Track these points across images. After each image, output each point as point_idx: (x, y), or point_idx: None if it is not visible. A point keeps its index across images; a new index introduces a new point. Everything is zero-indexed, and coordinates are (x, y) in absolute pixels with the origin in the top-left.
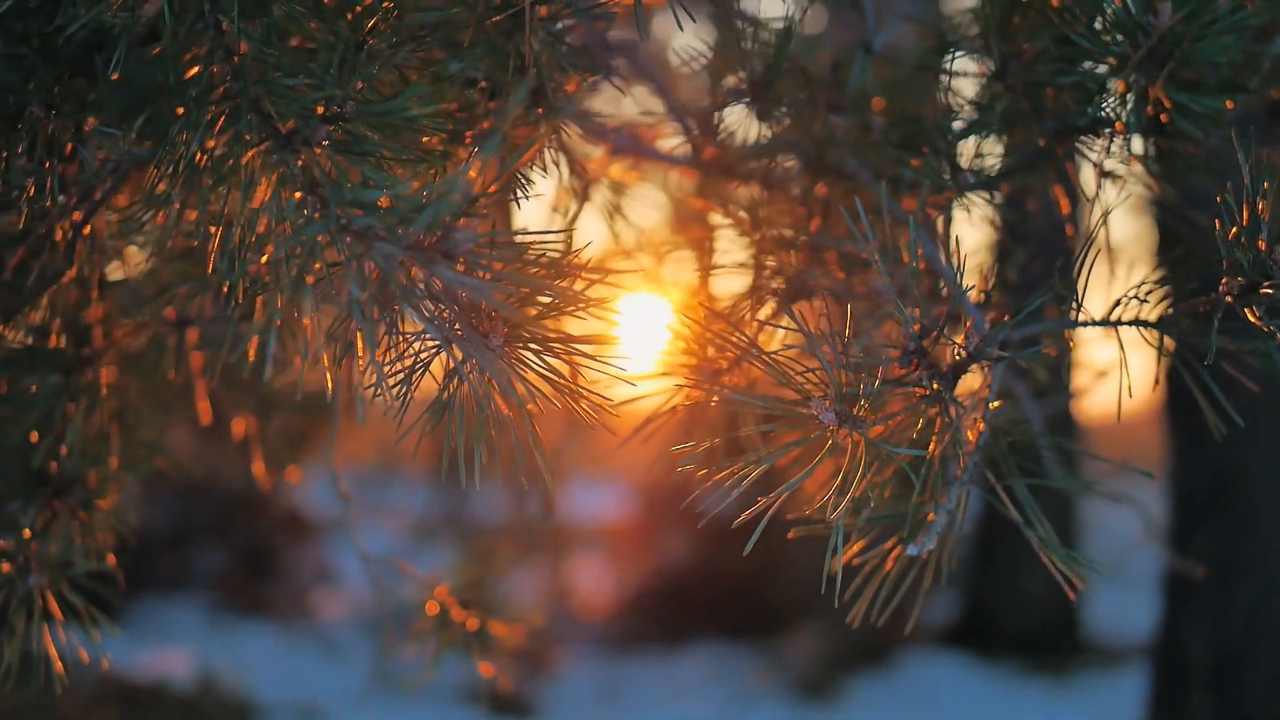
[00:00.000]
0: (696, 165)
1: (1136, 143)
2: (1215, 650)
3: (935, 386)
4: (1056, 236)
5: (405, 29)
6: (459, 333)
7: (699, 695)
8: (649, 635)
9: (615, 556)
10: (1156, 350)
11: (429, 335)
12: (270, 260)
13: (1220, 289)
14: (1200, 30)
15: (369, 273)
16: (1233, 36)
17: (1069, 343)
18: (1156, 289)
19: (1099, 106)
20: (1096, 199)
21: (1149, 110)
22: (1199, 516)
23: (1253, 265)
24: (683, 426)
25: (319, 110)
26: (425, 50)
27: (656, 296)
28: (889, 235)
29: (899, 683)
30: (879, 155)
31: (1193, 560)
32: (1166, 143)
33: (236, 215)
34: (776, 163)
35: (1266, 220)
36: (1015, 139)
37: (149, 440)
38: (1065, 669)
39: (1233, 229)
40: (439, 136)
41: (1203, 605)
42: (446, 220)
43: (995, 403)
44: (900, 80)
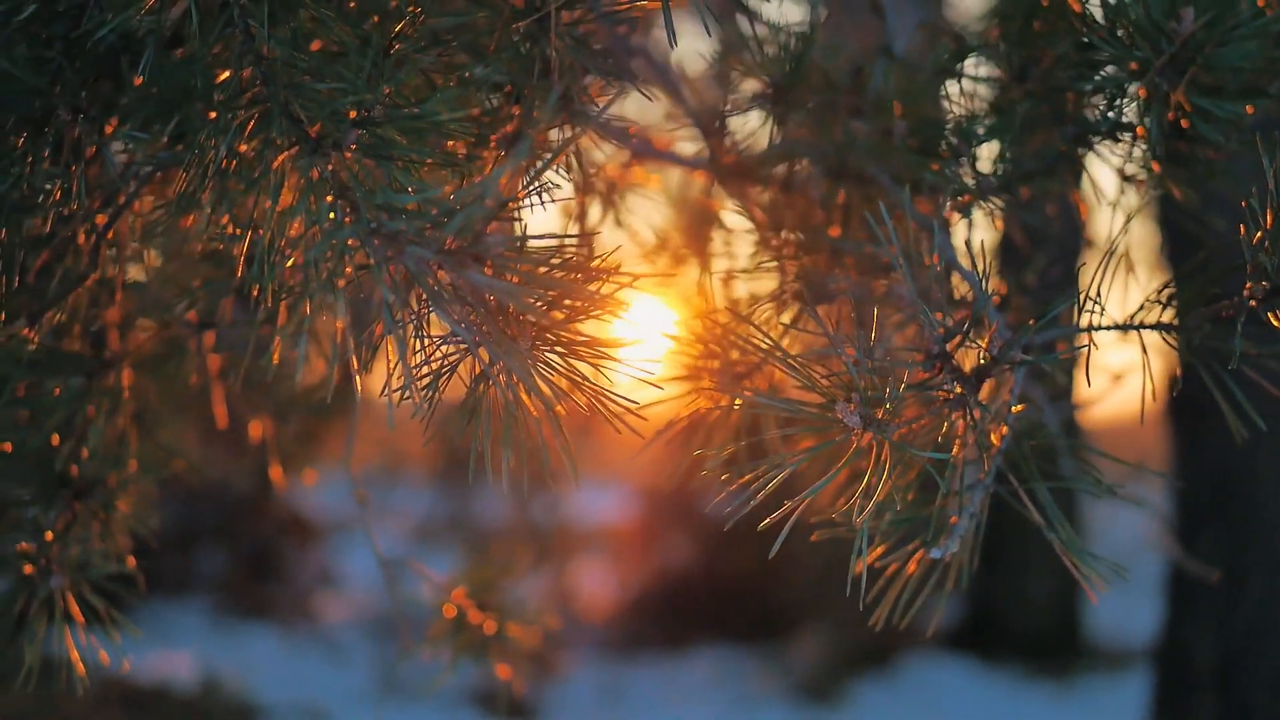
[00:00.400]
0: (715, 169)
1: (1158, 147)
2: (1220, 653)
3: (959, 390)
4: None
5: (430, 33)
6: (488, 336)
7: (702, 698)
8: (652, 638)
9: (618, 559)
10: (1178, 354)
11: (457, 339)
12: (300, 264)
13: (1244, 293)
14: (1223, 36)
15: (398, 276)
16: (1256, 42)
17: (1092, 346)
18: (1177, 293)
19: (1120, 111)
20: (1117, 203)
21: (1169, 115)
22: (1203, 519)
23: (1276, 270)
24: (703, 430)
25: (351, 115)
26: (449, 55)
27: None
28: (912, 239)
29: (902, 686)
30: (900, 159)
31: (1197, 563)
32: (1187, 147)
33: (266, 219)
34: (796, 167)
35: None
36: (1035, 143)
37: (168, 443)
38: (1068, 672)
39: (1257, 233)
40: (464, 141)
41: (1207, 608)
42: (476, 224)
43: (1017, 406)
44: (920, 85)
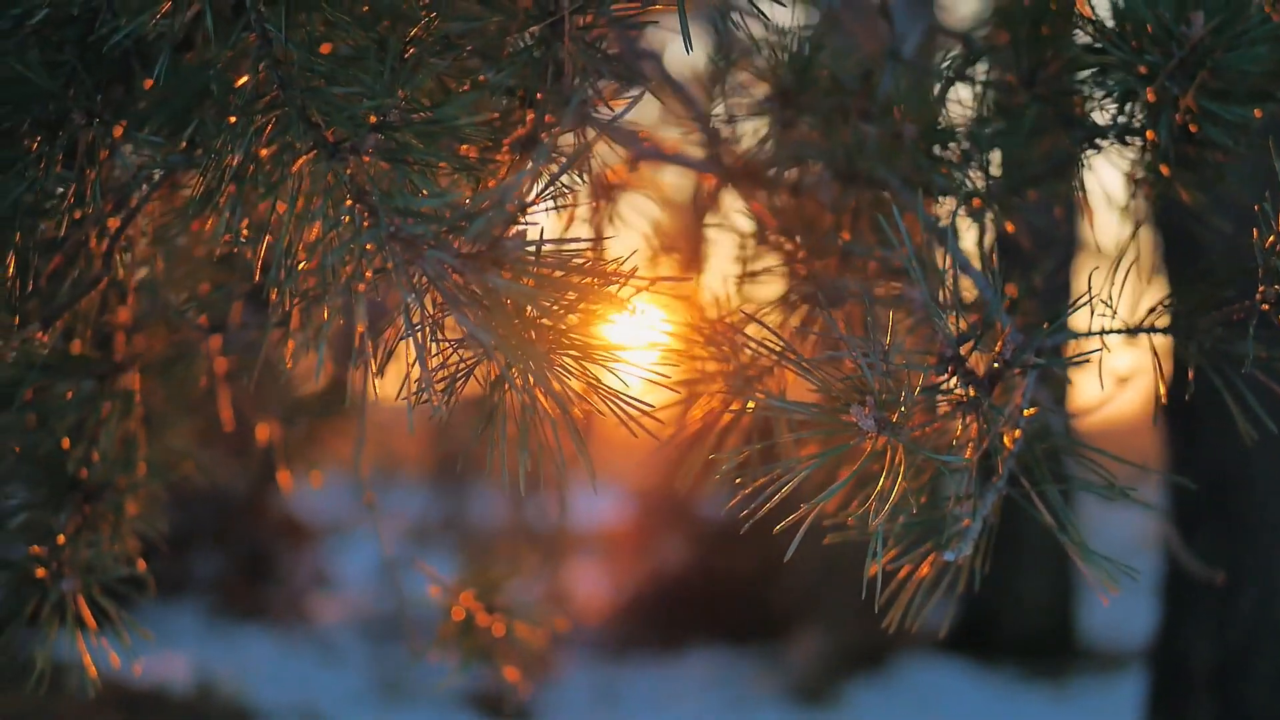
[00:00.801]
0: (723, 172)
1: (1168, 151)
2: (1216, 655)
3: (972, 393)
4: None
5: (445, 38)
6: (506, 340)
7: (697, 700)
8: (647, 639)
9: (613, 560)
10: (1189, 357)
11: (474, 342)
12: (318, 268)
13: (1256, 297)
14: (1232, 40)
15: (416, 280)
16: (1265, 46)
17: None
18: (1186, 297)
19: (1130, 115)
20: (1126, 207)
21: (1178, 119)
22: (1198, 520)
23: None
24: (714, 433)
25: (371, 119)
26: (463, 59)
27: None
28: (924, 242)
29: (897, 687)
30: (909, 162)
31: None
32: (1194, 151)
33: (284, 223)
34: (805, 170)
35: None
36: (1043, 147)
37: (177, 445)
38: (1063, 673)
39: (1269, 237)
40: (478, 145)
41: (1203, 609)
42: (495, 228)
43: (1030, 409)
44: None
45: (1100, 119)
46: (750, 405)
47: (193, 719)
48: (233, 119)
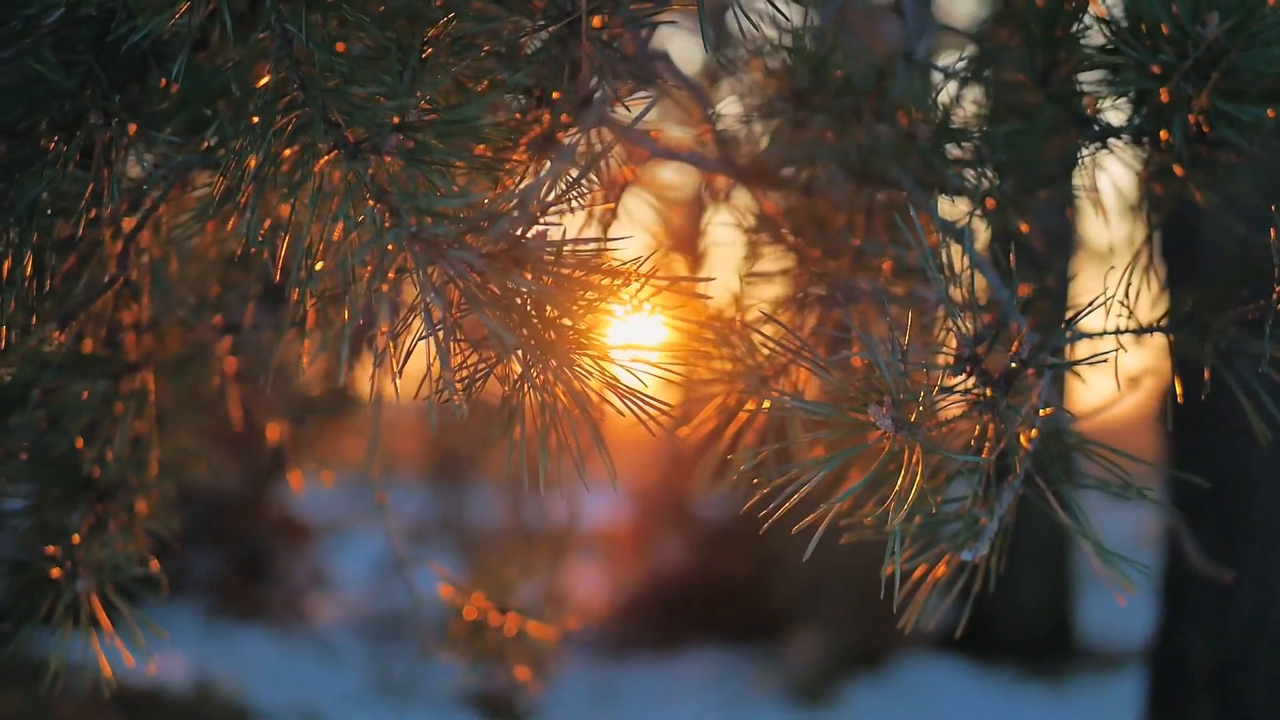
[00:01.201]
0: (735, 172)
1: (1182, 151)
2: (1215, 654)
3: (989, 393)
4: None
5: (460, 37)
6: (527, 339)
7: (695, 699)
8: (645, 639)
9: (612, 560)
10: (1202, 357)
11: (494, 342)
12: (338, 268)
13: (1273, 296)
14: (1247, 40)
15: (436, 281)
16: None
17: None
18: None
19: (1146, 115)
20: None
21: (1191, 119)
22: (1198, 521)
23: None
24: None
25: (395, 120)
26: (480, 59)
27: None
28: (941, 243)
29: (895, 687)
30: (924, 163)
31: (1191, 565)
32: (1207, 151)
33: (305, 223)
34: (817, 170)
35: None
36: (1055, 147)
37: (189, 445)
38: (1062, 673)
39: None
40: (496, 146)
41: (1202, 609)
42: (517, 229)
43: (1045, 409)
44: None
45: (1115, 119)
46: (765, 405)
47: (191, 719)
48: (255, 119)
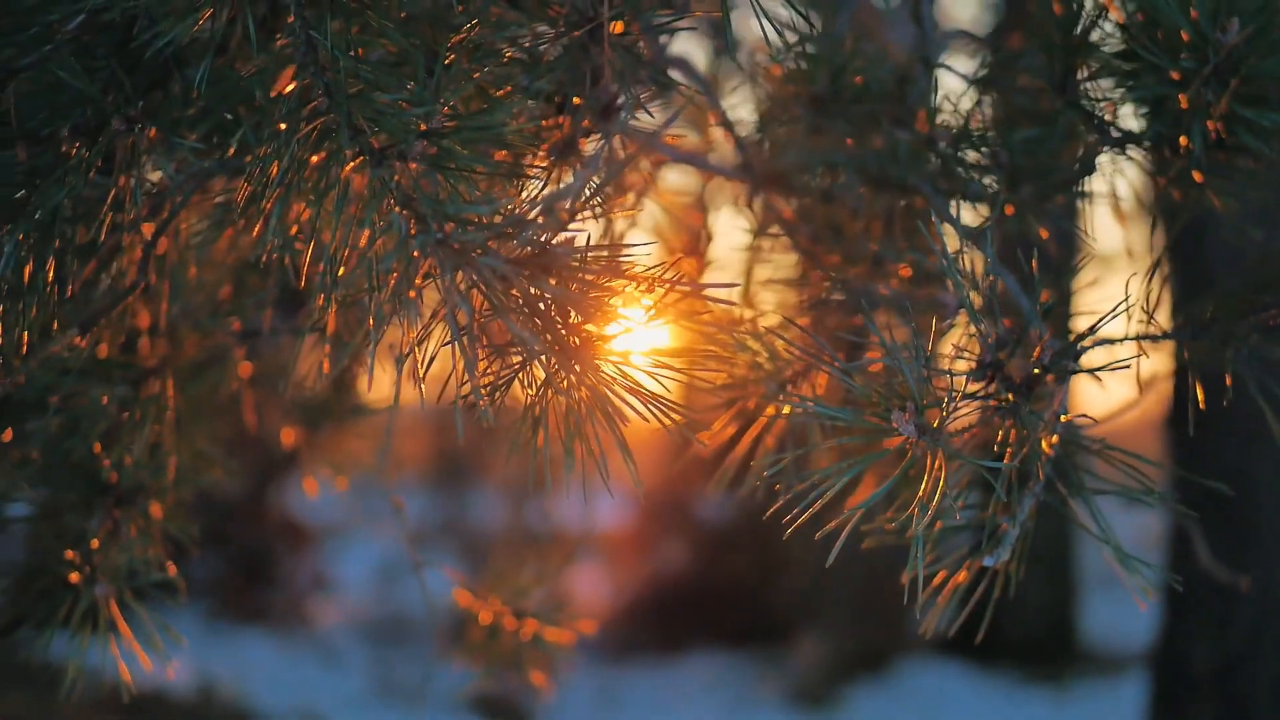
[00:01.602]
0: (752, 178)
1: (1201, 158)
2: (1218, 658)
3: (1010, 398)
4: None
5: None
6: (552, 345)
7: (698, 703)
8: (647, 643)
9: (614, 563)
10: (1224, 363)
11: (521, 348)
12: (366, 274)
13: None
14: (1268, 46)
15: (461, 286)
16: None
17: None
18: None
19: (1163, 121)
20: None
21: (1210, 125)
22: (1202, 524)
23: None
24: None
25: (422, 126)
26: (503, 66)
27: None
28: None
29: (898, 691)
30: (941, 168)
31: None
32: (1225, 157)
33: (332, 229)
34: (835, 175)
35: None
36: (1073, 152)
37: (205, 450)
38: (1064, 677)
39: None
40: (518, 152)
41: (1205, 612)
42: (544, 235)
43: (1066, 416)
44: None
45: (1132, 125)
46: (786, 410)
47: None
48: (282, 125)
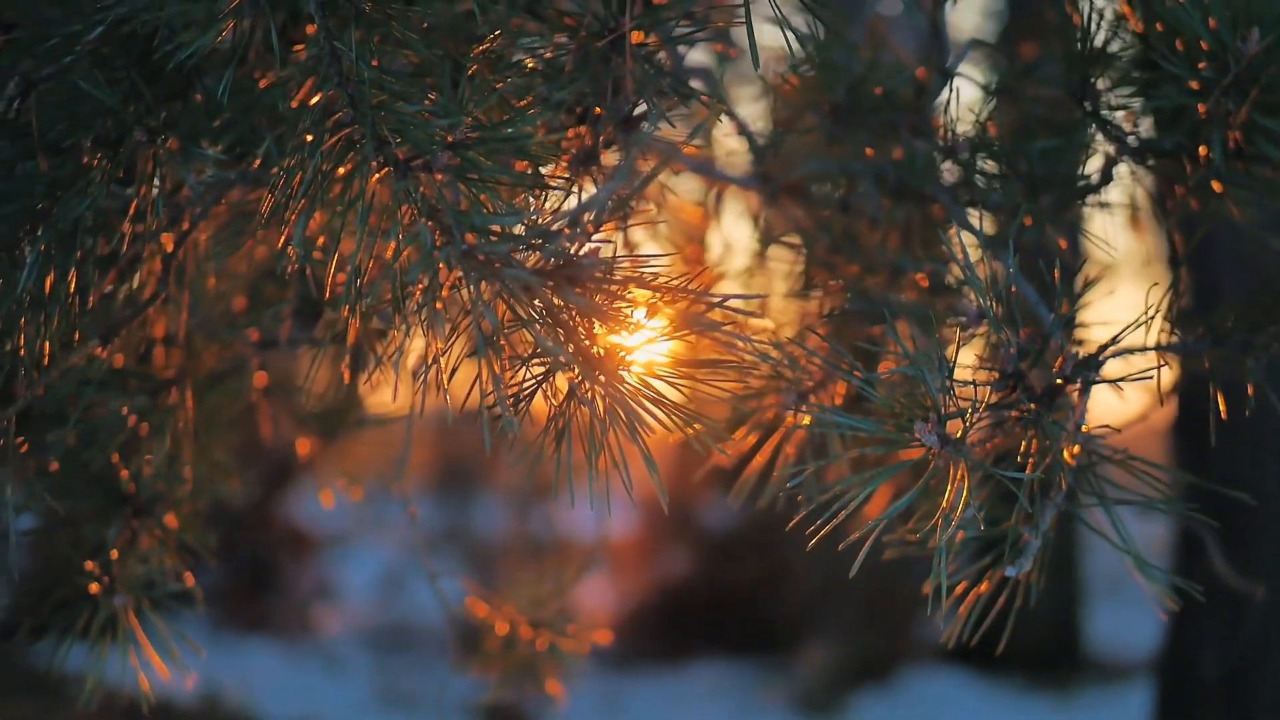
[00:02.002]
0: (769, 188)
1: (1221, 167)
2: (1225, 665)
3: (1033, 408)
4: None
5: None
6: (577, 356)
7: (703, 711)
8: (651, 650)
9: (618, 571)
10: (1244, 372)
11: (545, 359)
12: (391, 286)
13: None
14: None
15: (489, 298)
16: None
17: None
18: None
19: (1183, 130)
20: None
21: (1229, 134)
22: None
23: None
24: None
25: (449, 138)
26: (524, 76)
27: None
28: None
29: (902, 699)
30: (963, 178)
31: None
32: (1243, 166)
33: (356, 240)
34: (853, 185)
35: None
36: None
37: (221, 460)
38: (1068, 685)
39: None
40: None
41: (1211, 619)
42: (570, 246)
43: (1086, 426)
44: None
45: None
46: (806, 420)
47: None
48: (309, 137)
